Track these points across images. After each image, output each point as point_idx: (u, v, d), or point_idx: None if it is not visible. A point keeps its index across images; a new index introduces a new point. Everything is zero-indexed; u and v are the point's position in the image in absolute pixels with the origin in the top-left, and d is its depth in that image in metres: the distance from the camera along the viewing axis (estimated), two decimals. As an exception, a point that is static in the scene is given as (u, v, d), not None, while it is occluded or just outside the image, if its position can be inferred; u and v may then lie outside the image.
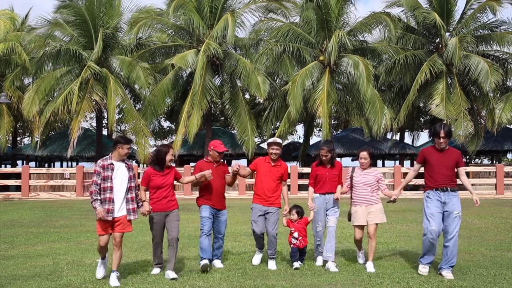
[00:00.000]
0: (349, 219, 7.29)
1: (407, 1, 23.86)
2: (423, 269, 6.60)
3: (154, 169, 6.69)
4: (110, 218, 6.22)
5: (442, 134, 6.62)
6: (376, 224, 7.10)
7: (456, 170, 6.76)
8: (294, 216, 7.23)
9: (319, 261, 7.30)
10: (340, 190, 7.24)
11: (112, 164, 6.37)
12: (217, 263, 7.23)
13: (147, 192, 6.79)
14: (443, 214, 6.58)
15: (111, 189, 6.27)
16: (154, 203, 6.64)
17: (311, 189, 7.42)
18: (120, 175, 6.35)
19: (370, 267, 6.88)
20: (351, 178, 7.21)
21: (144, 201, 6.57)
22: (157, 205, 6.64)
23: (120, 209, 6.32)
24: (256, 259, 7.37)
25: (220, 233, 7.29)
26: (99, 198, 6.22)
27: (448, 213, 6.56)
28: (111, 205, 6.25)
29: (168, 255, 6.61)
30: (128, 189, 6.37)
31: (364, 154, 7.18)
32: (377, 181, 7.15)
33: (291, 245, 7.17)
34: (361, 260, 7.34)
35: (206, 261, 6.86)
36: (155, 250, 6.85)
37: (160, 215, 6.66)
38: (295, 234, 7.15)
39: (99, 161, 6.44)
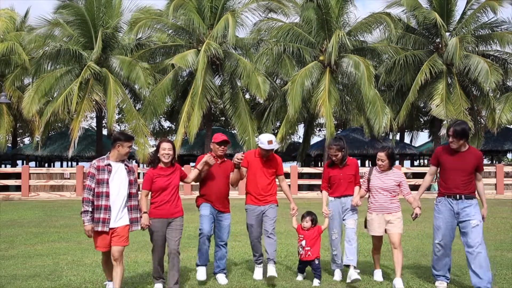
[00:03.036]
0: (366, 226, 6.41)
1: (407, 1, 23.86)
2: (440, 285, 5.90)
3: (153, 167, 5.84)
4: (106, 229, 5.32)
5: (450, 132, 5.73)
6: (400, 233, 6.13)
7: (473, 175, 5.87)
8: (308, 224, 6.37)
9: (337, 275, 6.43)
10: (358, 194, 6.32)
11: (109, 165, 5.44)
12: (221, 278, 6.33)
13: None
14: (458, 226, 5.80)
15: (107, 195, 5.34)
16: (156, 208, 5.75)
17: (325, 193, 6.53)
18: (118, 179, 5.43)
19: (399, 284, 5.88)
20: (368, 181, 6.30)
21: (144, 212, 5.66)
22: (158, 210, 5.73)
23: (118, 219, 5.39)
24: (258, 273, 6.48)
25: (222, 239, 6.39)
26: (90, 209, 5.29)
27: (465, 224, 5.72)
28: (107, 214, 5.31)
29: (168, 273, 5.82)
30: (129, 196, 5.49)
31: (381, 155, 6.19)
32: (398, 185, 6.19)
33: (298, 255, 6.45)
34: (378, 278, 6.29)
35: (203, 271, 6.21)
36: (154, 262, 5.87)
37: (161, 221, 5.75)
38: (303, 243, 6.33)
39: (94, 161, 5.50)
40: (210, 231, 6.25)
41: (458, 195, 5.75)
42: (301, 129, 33.06)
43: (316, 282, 6.16)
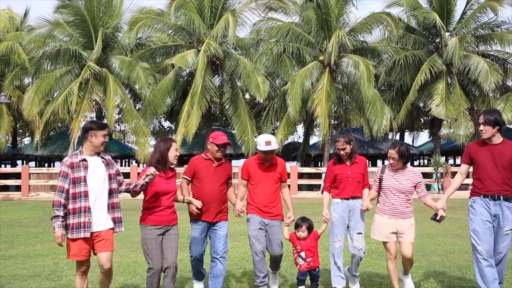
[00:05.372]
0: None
1: (407, 1, 23.90)
2: None
3: (157, 170, 5.04)
4: (88, 235, 4.61)
5: (481, 120, 5.11)
6: (412, 242, 5.48)
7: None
8: (304, 234, 5.58)
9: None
10: (368, 197, 5.57)
11: (85, 160, 4.69)
12: None
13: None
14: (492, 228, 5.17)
15: (86, 194, 4.61)
16: (154, 214, 5.03)
17: (326, 195, 5.76)
18: (96, 175, 4.71)
19: (409, 283, 5.47)
20: (380, 180, 5.57)
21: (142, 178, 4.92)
22: (157, 217, 5.02)
23: (101, 220, 4.72)
24: None
25: (217, 252, 5.46)
26: (61, 214, 4.55)
27: (498, 228, 5.14)
28: (87, 217, 4.60)
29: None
30: (110, 192, 4.79)
31: (392, 152, 5.44)
32: (414, 186, 5.50)
33: (298, 266, 5.65)
34: None
35: (200, 286, 5.64)
36: (150, 284, 5.00)
37: (159, 230, 5.03)
38: (302, 254, 5.57)
39: (66, 158, 4.71)
40: (202, 252, 5.58)
41: (496, 195, 5.10)
42: (301, 129, 33.11)
43: None
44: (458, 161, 38.66)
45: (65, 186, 4.61)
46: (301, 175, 23.20)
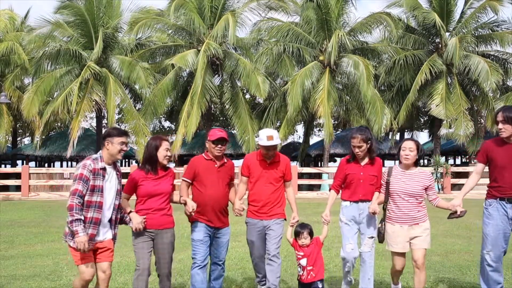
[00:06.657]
0: (381, 240, 5.23)
1: (407, 1, 23.90)
2: None
3: (145, 171, 4.85)
4: (91, 246, 4.43)
5: (499, 118, 4.79)
6: (426, 248, 5.09)
7: None
8: (307, 240, 5.14)
9: None
10: (377, 200, 5.19)
11: (104, 169, 4.46)
12: None
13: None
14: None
15: (100, 206, 4.40)
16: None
17: (332, 194, 5.35)
18: (111, 187, 4.52)
19: None
20: (387, 183, 5.10)
21: (130, 211, 4.78)
22: (146, 220, 4.78)
23: (106, 230, 4.58)
24: None
25: (219, 258, 5.27)
26: (83, 218, 4.32)
27: None
28: (95, 230, 4.42)
29: None
30: (117, 207, 4.65)
31: (409, 144, 5.03)
32: (425, 189, 5.06)
33: (298, 277, 5.25)
34: None
35: None
36: (135, 285, 4.82)
37: (148, 233, 4.82)
38: (303, 262, 5.11)
39: (87, 161, 4.43)
40: (206, 260, 5.14)
41: None
42: (301, 129, 33.10)
43: None
44: (458, 161, 38.65)
45: (84, 191, 4.33)
46: (301, 175, 23.20)
